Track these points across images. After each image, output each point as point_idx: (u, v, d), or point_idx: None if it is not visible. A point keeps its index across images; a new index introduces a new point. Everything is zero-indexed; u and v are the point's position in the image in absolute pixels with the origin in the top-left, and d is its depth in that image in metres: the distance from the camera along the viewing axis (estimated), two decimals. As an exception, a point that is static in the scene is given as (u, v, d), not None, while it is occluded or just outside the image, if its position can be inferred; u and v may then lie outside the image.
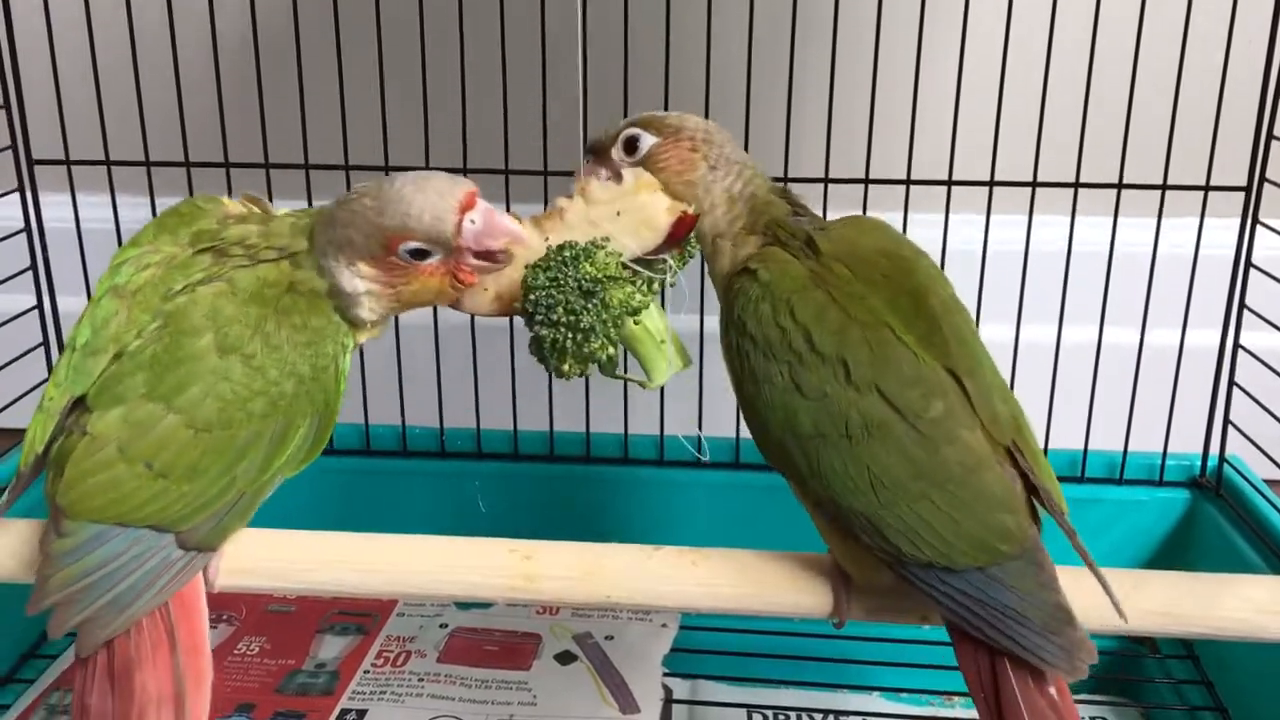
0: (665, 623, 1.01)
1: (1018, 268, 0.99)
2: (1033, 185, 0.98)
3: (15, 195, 1.01)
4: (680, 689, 0.97)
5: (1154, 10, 0.93)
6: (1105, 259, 0.98)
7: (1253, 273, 0.99)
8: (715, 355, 0.69)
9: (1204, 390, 1.03)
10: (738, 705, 0.96)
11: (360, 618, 1.03)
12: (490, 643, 1.00)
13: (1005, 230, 1.00)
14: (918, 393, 0.61)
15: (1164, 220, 0.98)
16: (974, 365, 0.63)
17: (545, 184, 0.99)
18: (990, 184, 0.97)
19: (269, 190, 1.00)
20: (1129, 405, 1.02)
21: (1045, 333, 1.00)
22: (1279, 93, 0.94)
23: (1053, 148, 0.96)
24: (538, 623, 1.03)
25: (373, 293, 0.67)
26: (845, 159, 0.99)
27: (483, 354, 1.06)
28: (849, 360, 0.61)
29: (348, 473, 1.09)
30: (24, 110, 0.99)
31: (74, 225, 1.01)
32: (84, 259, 1.02)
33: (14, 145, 1.00)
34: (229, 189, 0.99)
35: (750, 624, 0.97)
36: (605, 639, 1.00)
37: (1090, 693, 1.00)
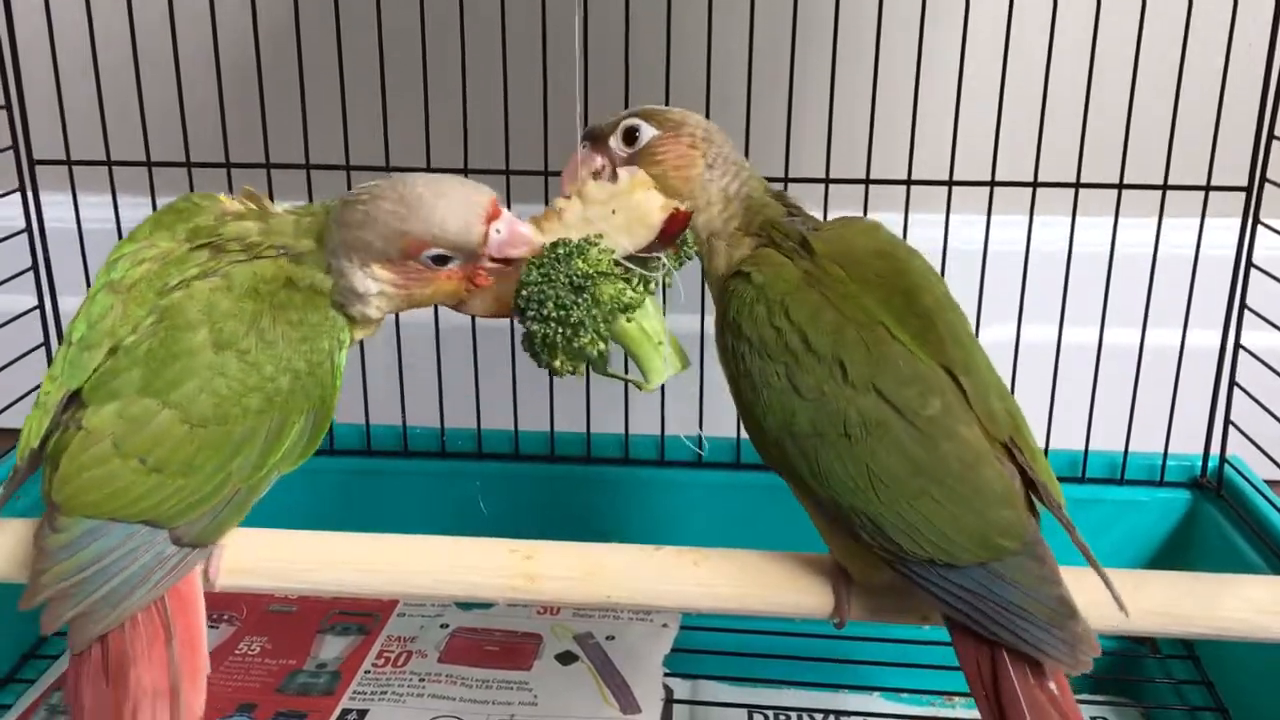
0: (666, 623, 1.01)
1: (1018, 268, 0.99)
2: (1033, 186, 0.98)
3: (16, 195, 1.01)
4: (681, 689, 0.97)
5: (1154, 10, 0.93)
6: (1106, 259, 0.98)
7: (1253, 273, 0.99)
8: (715, 355, 0.69)
9: (1205, 390, 1.03)
10: (738, 705, 0.96)
11: (361, 618, 1.03)
12: (491, 643, 1.00)
13: (1006, 231, 1.00)
14: (915, 390, 0.61)
15: (1165, 220, 0.98)
16: (970, 363, 0.63)
17: (545, 184, 0.99)
18: (991, 184, 0.97)
19: (270, 190, 1.00)
20: (1130, 405, 1.02)
21: (1046, 333, 1.00)
22: (1279, 93, 0.94)
23: (1053, 148, 0.96)
24: (539, 623, 1.03)
25: (385, 293, 0.67)
26: (846, 159, 0.99)
27: (484, 354, 1.06)
28: (845, 360, 0.61)
29: (348, 473, 1.09)
30: (25, 110, 1.00)
31: (75, 225, 1.01)
32: (85, 259, 1.02)
33: (15, 145, 1.00)
34: (230, 189, 0.98)
35: (751, 624, 0.97)
36: (606, 639, 1.00)
37: (1090, 692, 1.00)
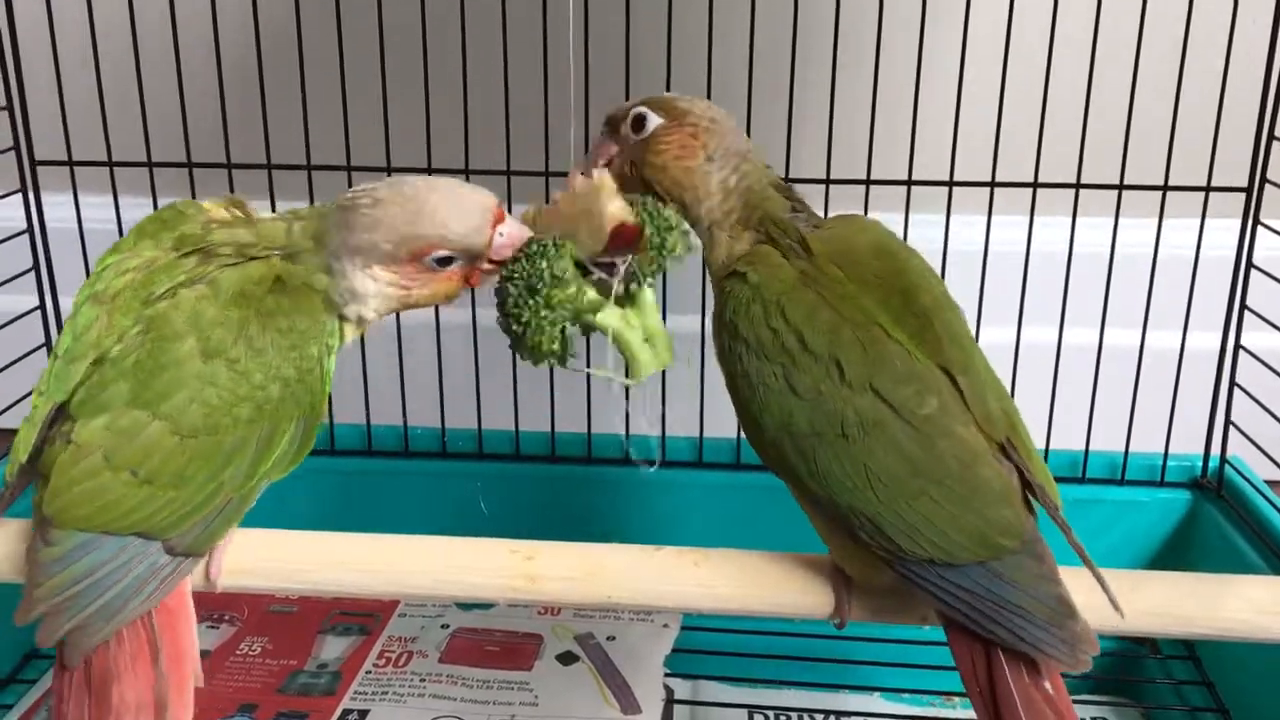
0: (667, 623, 1.01)
1: (1019, 269, 0.99)
2: (1034, 186, 0.98)
3: (18, 196, 1.01)
4: (682, 689, 0.98)
5: (1154, 11, 0.94)
6: (1106, 260, 0.98)
7: (1253, 273, 0.99)
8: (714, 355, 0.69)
9: (1205, 391, 1.03)
10: (739, 706, 0.96)
11: (362, 618, 1.03)
12: (492, 643, 1.00)
13: (1006, 231, 1.00)
14: (912, 390, 0.61)
15: (1165, 221, 0.98)
16: (967, 362, 0.63)
17: (546, 184, 0.99)
18: (991, 185, 0.97)
19: (271, 190, 1.00)
20: (1130, 406, 1.02)
21: (1046, 333, 1.00)
22: (1279, 94, 0.94)
23: (1053, 149, 0.96)
24: (539, 623, 1.03)
25: (384, 294, 0.67)
26: (846, 160, 0.99)
27: (484, 354, 1.06)
28: (842, 359, 0.61)
29: (349, 473, 1.09)
30: (26, 111, 1.00)
31: (76, 226, 1.01)
32: (86, 260, 1.02)
33: (16, 146, 1.00)
34: (231, 189, 0.99)
35: (751, 624, 0.97)
36: (607, 639, 1.00)
37: (1090, 693, 1.00)
